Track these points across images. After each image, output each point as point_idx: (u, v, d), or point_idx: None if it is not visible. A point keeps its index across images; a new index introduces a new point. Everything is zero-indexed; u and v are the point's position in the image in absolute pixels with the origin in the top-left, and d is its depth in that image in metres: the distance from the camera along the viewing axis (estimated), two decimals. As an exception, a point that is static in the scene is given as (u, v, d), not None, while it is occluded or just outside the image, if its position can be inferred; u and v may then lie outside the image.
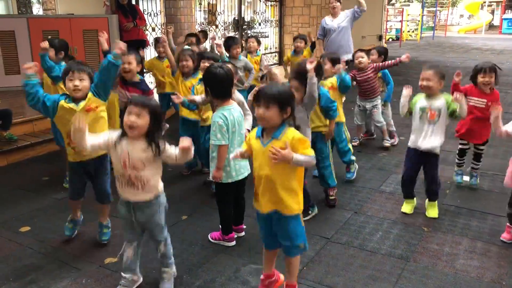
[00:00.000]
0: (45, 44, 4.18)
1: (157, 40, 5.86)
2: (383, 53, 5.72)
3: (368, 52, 5.52)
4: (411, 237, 3.54)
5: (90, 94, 3.16)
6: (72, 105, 3.13)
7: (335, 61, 4.48)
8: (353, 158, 4.70)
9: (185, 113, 4.61)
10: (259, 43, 6.45)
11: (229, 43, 5.65)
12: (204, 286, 2.93)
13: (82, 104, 3.13)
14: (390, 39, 22.66)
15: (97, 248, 3.39)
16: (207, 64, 4.31)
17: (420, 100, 3.75)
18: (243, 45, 6.96)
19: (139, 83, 4.36)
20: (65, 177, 4.47)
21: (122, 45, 3.16)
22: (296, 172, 2.52)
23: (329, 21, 7.42)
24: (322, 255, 3.29)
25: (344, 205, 4.10)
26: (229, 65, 3.60)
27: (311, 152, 2.44)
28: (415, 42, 22.81)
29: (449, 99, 3.65)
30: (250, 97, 3.71)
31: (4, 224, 3.79)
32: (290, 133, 2.44)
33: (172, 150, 2.62)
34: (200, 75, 4.77)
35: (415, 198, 4.03)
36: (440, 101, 3.67)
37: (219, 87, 3.21)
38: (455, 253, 3.30)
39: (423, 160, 3.82)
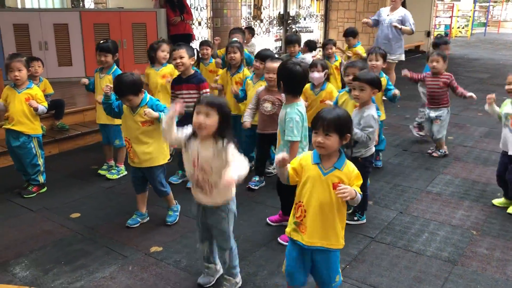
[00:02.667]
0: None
1: (202, 43, 5.78)
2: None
3: (442, 56, 5.07)
4: (459, 240, 3.43)
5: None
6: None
7: (385, 57, 4.51)
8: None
9: None
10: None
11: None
12: (247, 279, 2.95)
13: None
14: (439, 35, 21.95)
15: (143, 237, 3.48)
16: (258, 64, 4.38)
17: (508, 105, 3.64)
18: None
19: (193, 77, 4.24)
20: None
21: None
22: (345, 204, 2.39)
23: (384, 13, 7.23)
24: (365, 254, 3.24)
25: (389, 205, 4.02)
26: None
27: (359, 191, 2.32)
28: (465, 38, 22.02)
29: None
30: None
31: (56, 209, 3.95)
32: (350, 166, 2.33)
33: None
34: (245, 70, 4.79)
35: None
36: None
37: (294, 84, 3.21)
38: (506, 259, 3.18)
39: (508, 161, 3.77)
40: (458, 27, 24.36)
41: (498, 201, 4.02)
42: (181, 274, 3.01)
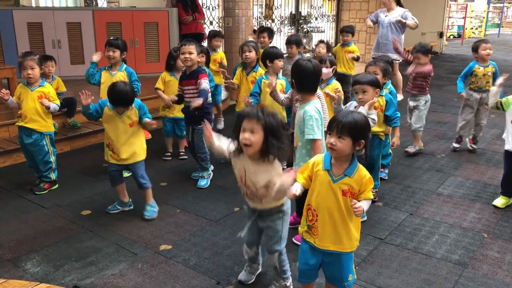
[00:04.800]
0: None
1: (213, 35, 5.79)
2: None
3: (422, 51, 5.14)
4: (469, 243, 3.40)
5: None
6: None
7: (386, 72, 4.18)
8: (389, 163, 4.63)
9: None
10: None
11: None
12: (255, 278, 2.95)
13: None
14: (452, 36, 21.78)
15: (153, 235, 3.50)
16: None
17: None
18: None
19: (195, 72, 4.19)
20: None
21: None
22: None
23: (382, 15, 7.40)
24: (375, 255, 3.23)
25: (399, 206, 4.00)
26: None
27: (371, 195, 2.33)
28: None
29: None
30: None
31: (68, 206, 3.99)
32: (362, 171, 2.29)
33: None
34: (260, 70, 4.79)
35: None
36: None
37: (306, 81, 3.17)
38: (517, 263, 3.15)
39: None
40: (471, 28, 24.13)
41: (499, 202, 4.00)
42: (190, 272, 3.02)
